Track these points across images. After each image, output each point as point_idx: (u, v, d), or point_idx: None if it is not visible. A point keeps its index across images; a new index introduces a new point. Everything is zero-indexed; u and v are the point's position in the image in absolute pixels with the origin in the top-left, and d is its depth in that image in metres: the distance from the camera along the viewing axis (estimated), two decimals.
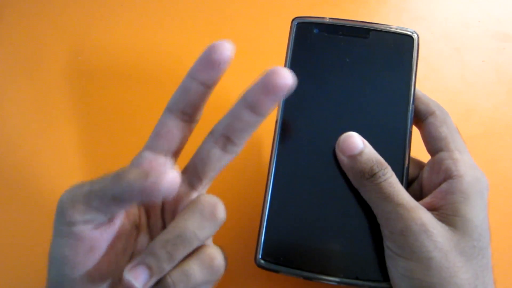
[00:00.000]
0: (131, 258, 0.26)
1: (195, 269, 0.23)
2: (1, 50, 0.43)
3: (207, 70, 0.25)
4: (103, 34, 0.44)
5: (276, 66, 0.24)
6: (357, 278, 0.27)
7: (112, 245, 0.25)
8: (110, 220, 0.24)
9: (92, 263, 0.24)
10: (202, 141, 0.27)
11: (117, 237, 0.25)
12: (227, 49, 0.24)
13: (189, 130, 0.27)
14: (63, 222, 0.23)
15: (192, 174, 0.27)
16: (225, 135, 0.25)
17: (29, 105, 0.41)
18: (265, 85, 0.23)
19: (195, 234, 0.23)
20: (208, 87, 0.26)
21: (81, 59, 0.43)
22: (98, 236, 0.24)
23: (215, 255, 0.24)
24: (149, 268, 0.22)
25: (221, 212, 0.24)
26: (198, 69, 0.25)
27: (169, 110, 0.27)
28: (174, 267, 0.23)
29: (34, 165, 0.38)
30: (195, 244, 0.23)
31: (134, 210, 0.27)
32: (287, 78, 0.23)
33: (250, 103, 0.24)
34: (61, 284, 0.24)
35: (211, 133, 0.26)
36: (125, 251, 0.26)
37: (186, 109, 0.26)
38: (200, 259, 0.24)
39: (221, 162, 0.26)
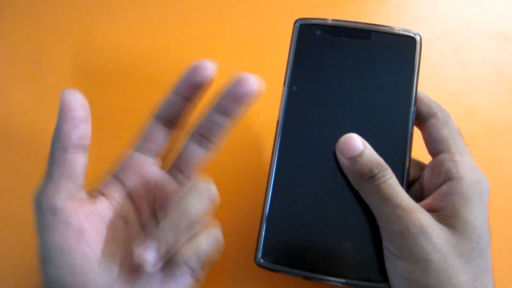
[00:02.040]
0: (125, 253, 0.27)
1: (203, 242, 0.27)
2: (1, 50, 0.43)
3: (190, 88, 0.28)
4: (103, 35, 0.44)
5: (244, 73, 0.27)
6: (356, 278, 0.27)
7: (100, 232, 0.26)
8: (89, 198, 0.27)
9: (85, 247, 0.25)
10: (183, 144, 0.30)
11: (104, 225, 0.27)
12: (208, 70, 0.27)
13: (177, 136, 0.30)
14: (45, 213, 0.24)
15: (179, 173, 0.30)
16: (204, 136, 0.29)
17: (29, 105, 0.41)
18: (234, 93, 0.27)
19: (196, 209, 0.26)
20: (192, 102, 0.29)
21: (81, 59, 0.43)
22: (82, 219, 0.26)
23: (217, 232, 0.29)
24: (157, 239, 0.24)
25: (214, 188, 0.27)
26: (182, 87, 0.28)
27: (156, 117, 0.29)
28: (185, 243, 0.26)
29: (34, 165, 0.38)
30: (196, 218, 0.26)
31: (120, 203, 0.28)
32: (254, 85, 0.26)
33: (221, 109, 0.28)
34: (63, 277, 0.24)
35: (190, 135, 0.29)
36: (115, 241, 0.27)
37: (172, 119, 0.29)
38: (206, 234, 0.28)
39: (203, 159, 0.29)
